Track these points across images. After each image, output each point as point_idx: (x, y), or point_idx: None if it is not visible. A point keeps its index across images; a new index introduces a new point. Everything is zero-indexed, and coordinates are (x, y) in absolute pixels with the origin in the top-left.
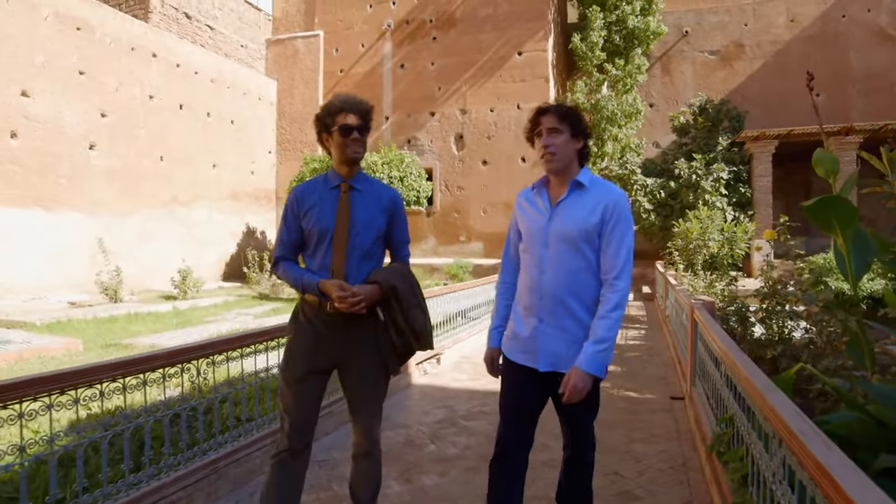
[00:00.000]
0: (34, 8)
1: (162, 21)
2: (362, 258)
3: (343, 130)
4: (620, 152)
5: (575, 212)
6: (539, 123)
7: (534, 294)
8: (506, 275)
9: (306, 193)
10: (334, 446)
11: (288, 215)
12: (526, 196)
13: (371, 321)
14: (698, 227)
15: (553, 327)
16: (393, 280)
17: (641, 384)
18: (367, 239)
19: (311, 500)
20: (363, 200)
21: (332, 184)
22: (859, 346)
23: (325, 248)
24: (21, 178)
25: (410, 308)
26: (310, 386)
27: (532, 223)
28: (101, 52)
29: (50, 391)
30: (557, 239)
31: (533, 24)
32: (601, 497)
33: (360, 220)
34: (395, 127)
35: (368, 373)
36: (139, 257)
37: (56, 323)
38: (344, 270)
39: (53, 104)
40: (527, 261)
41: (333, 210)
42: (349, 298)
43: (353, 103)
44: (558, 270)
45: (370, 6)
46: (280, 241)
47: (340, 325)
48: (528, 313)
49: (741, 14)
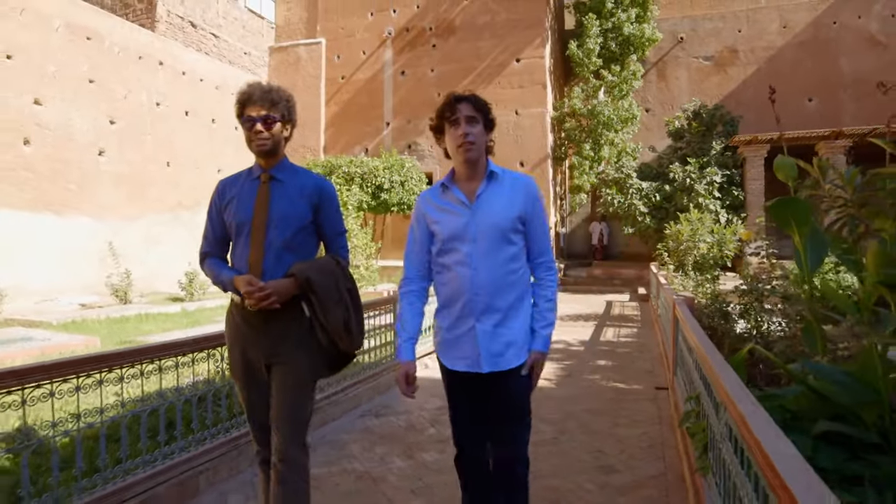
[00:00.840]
0: (46, 19)
1: (168, 30)
2: (282, 251)
3: (245, 122)
4: (617, 156)
5: (498, 202)
6: (457, 111)
7: (466, 293)
8: (413, 283)
9: (228, 186)
10: (343, 429)
11: (211, 210)
12: (433, 196)
13: (295, 317)
14: (689, 230)
15: (490, 324)
16: (308, 272)
17: (629, 376)
18: (286, 231)
19: (324, 472)
20: (284, 191)
21: (253, 175)
22: (812, 332)
23: (243, 241)
24: (33, 184)
25: (328, 303)
26: (254, 385)
27: (451, 222)
28: (110, 60)
29: (100, 369)
30: (485, 232)
31: (530, 31)
32: (586, 470)
33: (279, 211)
34: (395, 132)
35: (291, 372)
36: (146, 260)
37: (71, 322)
38: (261, 265)
39: (64, 112)
40: (450, 261)
41: (252, 202)
42: (256, 293)
43: (255, 93)
44: (491, 264)
45: (371, 14)
46: (205, 237)
47: (261, 323)
48: (461, 314)
49: (735, 20)
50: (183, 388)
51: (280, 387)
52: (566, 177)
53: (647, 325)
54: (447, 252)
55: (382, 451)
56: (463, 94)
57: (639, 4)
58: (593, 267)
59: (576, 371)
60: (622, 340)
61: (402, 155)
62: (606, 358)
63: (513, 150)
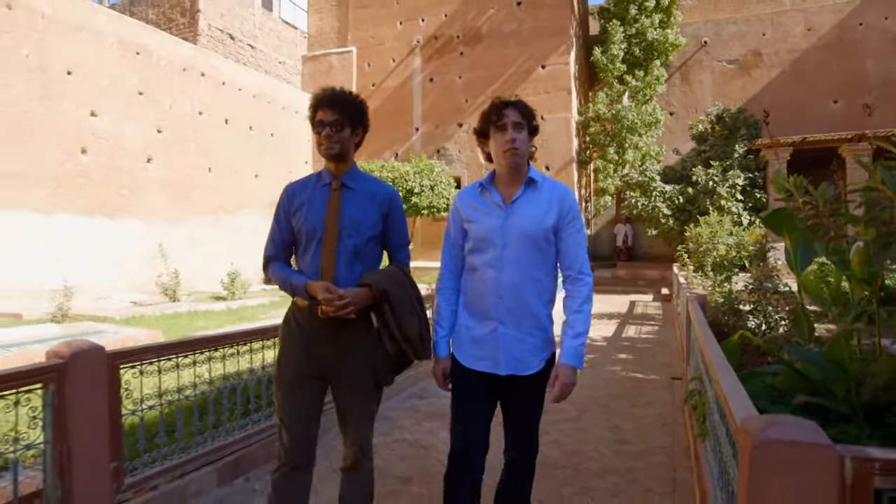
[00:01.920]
0: (101, 36)
1: (209, 42)
2: (353, 259)
3: (316, 127)
4: (641, 160)
5: (533, 209)
6: (504, 116)
7: (491, 295)
8: (447, 279)
9: (297, 191)
10: (392, 409)
11: (279, 213)
12: (471, 195)
13: (363, 327)
14: (708, 232)
15: (513, 329)
16: (384, 283)
17: (648, 368)
18: (358, 239)
19: (382, 441)
20: (355, 199)
21: (323, 181)
22: (801, 323)
23: (314, 248)
24: (89, 190)
25: (403, 314)
26: (304, 394)
27: (484, 223)
28: (157, 73)
29: (205, 349)
30: (517, 237)
31: (556, 38)
32: (604, 440)
33: (351, 219)
34: (424, 137)
35: (359, 382)
36: (189, 261)
37: (131, 318)
38: (333, 272)
39: (117, 122)
40: (479, 262)
41: (323, 208)
42: (335, 301)
43: (326, 98)
44: (517, 269)
45: (400, 23)
46: (271, 241)
47: (330, 331)
48: (484, 316)
49: (759, 24)
50: (255, 369)
51: (351, 398)
52: (591, 180)
53: (669, 323)
54: (477, 252)
55: (429, 425)
56: (510, 100)
57: (662, 10)
58: (617, 268)
59: (598, 363)
60: (643, 337)
61: (431, 159)
62: (627, 352)
63: (538, 155)
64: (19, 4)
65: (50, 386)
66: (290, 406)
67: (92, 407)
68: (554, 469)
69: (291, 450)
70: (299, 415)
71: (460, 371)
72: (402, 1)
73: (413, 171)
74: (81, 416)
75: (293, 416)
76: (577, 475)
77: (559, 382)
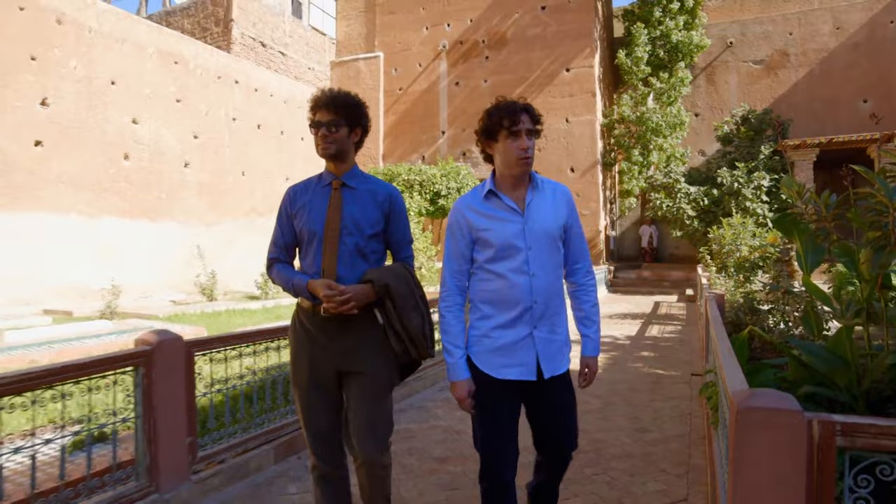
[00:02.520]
0: (142, 47)
1: (242, 50)
2: (355, 258)
3: (312, 127)
4: (666, 161)
5: (546, 210)
6: (520, 122)
7: (523, 301)
8: (458, 295)
9: (299, 193)
10: (427, 399)
11: (281, 215)
12: (476, 204)
13: (368, 325)
14: (730, 233)
15: (546, 331)
16: (386, 278)
17: (669, 365)
18: (359, 238)
19: (418, 427)
20: (356, 198)
21: (324, 182)
22: (810, 319)
23: (315, 248)
24: (130, 194)
25: (406, 309)
26: (320, 396)
27: (504, 229)
28: (194, 81)
29: (263, 340)
30: (539, 240)
31: (580, 42)
32: (624, 429)
33: (352, 218)
34: (450, 140)
35: (371, 382)
36: (224, 262)
37: (174, 315)
38: (335, 271)
39: (156, 129)
40: (503, 269)
41: (324, 208)
42: (336, 297)
43: (324, 99)
44: (546, 270)
45: (426, 28)
46: (274, 243)
47: (335, 330)
48: (516, 323)
49: (785, 23)
50: None
51: (361, 396)
52: (616, 181)
53: (692, 323)
54: (501, 259)
55: (461, 414)
56: (523, 105)
57: (687, 12)
58: (642, 269)
59: (621, 360)
60: (666, 336)
61: (457, 162)
62: (650, 350)
63: (563, 157)
64: (68, 20)
65: (140, 369)
66: (311, 411)
67: (172, 388)
68: (578, 453)
69: (320, 454)
70: (319, 418)
71: (486, 383)
72: (429, 7)
73: (440, 174)
74: (164, 396)
75: (313, 419)
76: (599, 458)
77: (590, 372)
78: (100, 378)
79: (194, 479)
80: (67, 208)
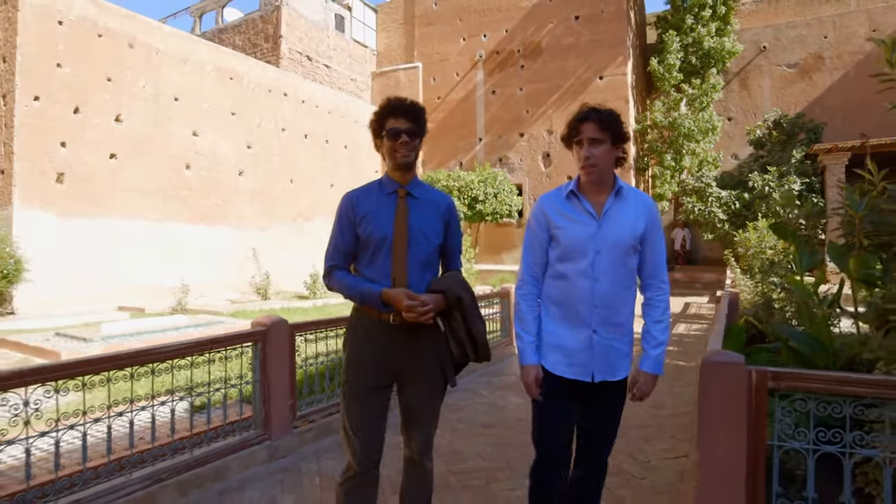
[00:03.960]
0: (202, 66)
1: (289, 64)
2: (423, 267)
3: (391, 134)
4: (698, 166)
5: (624, 219)
6: (580, 132)
7: (584, 303)
8: (530, 285)
9: (361, 199)
10: (471, 383)
11: (343, 222)
12: (558, 201)
13: (432, 332)
14: (755, 237)
15: (607, 337)
16: (458, 290)
17: (691, 358)
18: (427, 247)
19: (467, 402)
20: (420, 207)
21: (387, 190)
22: (802, 312)
23: (383, 256)
24: (191, 200)
25: (474, 318)
26: (376, 404)
27: (576, 231)
28: (247, 95)
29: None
30: (609, 247)
31: (613, 50)
32: (643, 407)
33: (419, 227)
34: (487, 147)
35: (428, 385)
36: (275, 263)
37: (236, 312)
38: (406, 279)
39: (214, 140)
40: (569, 270)
41: (391, 217)
42: (419, 308)
43: (401, 106)
44: (612, 278)
45: (463, 39)
46: (334, 249)
47: (403, 337)
48: (577, 324)
49: (820, 27)
50: None
51: (419, 398)
52: (649, 185)
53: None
54: (567, 260)
55: (502, 393)
56: (588, 113)
57: (719, 18)
58: (675, 271)
59: None
60: (691, 333)
61: (493, 168)
62: (674, 345)
63: None
64: (139, 43)
65: (258, 344)
66: (364, 417)
67: (280, 359)
68: None
69: (364, 459)
70: (372, 425)
71: (547, 378)
72: (465, 18)
73: (477, 180)
74: (274, 366)
75: (366, 426)
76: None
77: (639, 388)
78: (233, 349)
79: (294, 432)
80: (136, 214)
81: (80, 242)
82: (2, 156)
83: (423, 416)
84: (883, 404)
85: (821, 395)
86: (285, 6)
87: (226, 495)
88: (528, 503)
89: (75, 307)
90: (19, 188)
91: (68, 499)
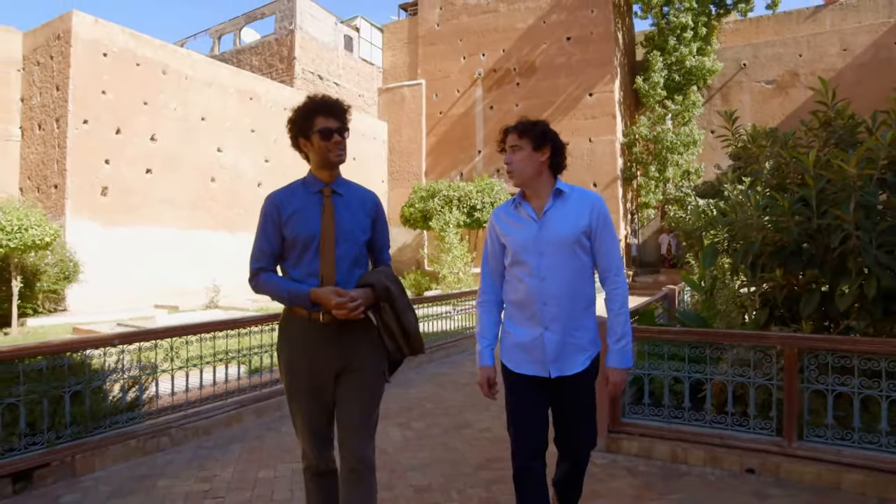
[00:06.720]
0: (225, 88)
1: (303, 84)
2: (351, 264)
3: (323, 134)
4: (681, 176)
5: (563, 218)
6: (503, 142)
7: (535, 302)
8: (488, 293)
9: (286, 200)
10: (447, 361)
11: (267, 224)
12: (505, 212)
13: (364, 327)
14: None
15: (558, 333)
16: (387, 282)
17: None
18: (355, 244)
19: (447, 372)
20: (347, 205)
21: (312, 189)
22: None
23: (310, 255)
24: (215, 210)
25: (404, 309)
26: (317, 399)
27: (519, 235)
28: (265, 113)
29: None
30: (552, 246)
31: (602, 69)
32: None
33: (346, 225)
34: (486, 159)
35: (365, 382)
36: None
37: (260, 308)
38: (334, 277)
39: (235, 156)
40: (520, 272)
41: (318, 216)
42: (348, 304)
43: (330, 104)
44: (559, 276)
45: (464, 58)
46: (260, 252)
47: (334, 335)
48: (530, 323)
49: (796, 46)
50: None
51: (357, 393)
52: (635, 195)
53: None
54: (517, 264)
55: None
56: (510, 125)
57: (700, 38)
58: (660, 274)
59: None
60: None
61: (491, 178)
62: None
63: (586, 173)
64: (171, 69)
65: None
66: (305, 410)
67: None
68: None
69: (316, 454)
70: (314, 417)
71: (510, 376)
72: (466, 38)
73: (476, 190)
74: None
75: (314, 423)
76: None
77: (610, 383)
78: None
79: None
80: (168, 223)
81: (120, 248)
82: (56, 173)
83: (362, 410)
84: (694, 346)
85: (663, 342)
86: (299, 30)
87: (286, 419)
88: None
89: (119, 305)
90: (71, 201)
91: (193, 409)
